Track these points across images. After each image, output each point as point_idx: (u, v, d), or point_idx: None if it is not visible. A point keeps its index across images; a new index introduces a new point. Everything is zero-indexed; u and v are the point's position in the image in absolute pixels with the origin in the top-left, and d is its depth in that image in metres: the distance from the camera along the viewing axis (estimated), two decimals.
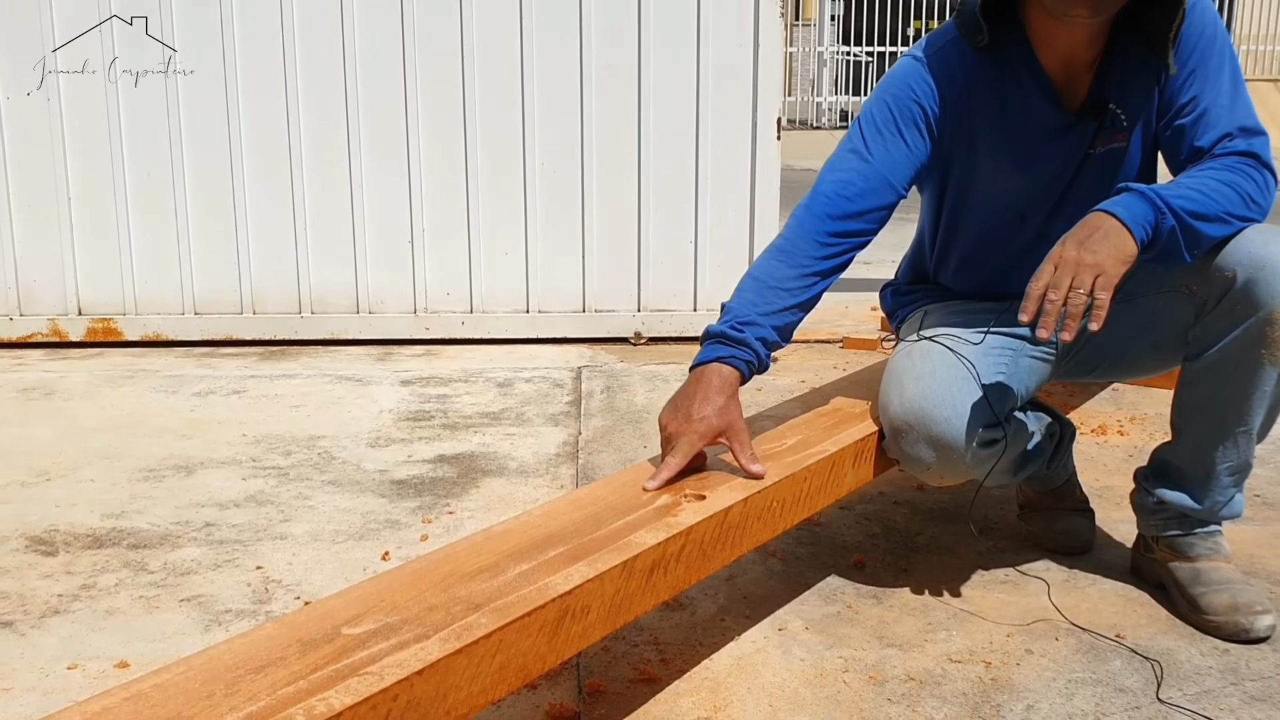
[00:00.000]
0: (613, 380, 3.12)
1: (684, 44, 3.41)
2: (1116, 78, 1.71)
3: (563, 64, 3.41)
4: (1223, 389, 1.63)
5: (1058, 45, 1.69)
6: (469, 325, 3.55)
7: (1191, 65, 1.67)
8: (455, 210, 3.48)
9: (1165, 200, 1.54)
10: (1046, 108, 1.72)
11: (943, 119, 1.73)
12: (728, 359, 1.57)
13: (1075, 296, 1.46)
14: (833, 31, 14.88)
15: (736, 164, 3.50)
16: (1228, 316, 1.59)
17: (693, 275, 3.59)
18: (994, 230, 1.84)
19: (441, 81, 3.41)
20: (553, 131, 3.45)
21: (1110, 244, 1.50)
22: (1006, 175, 1.78)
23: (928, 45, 1.77)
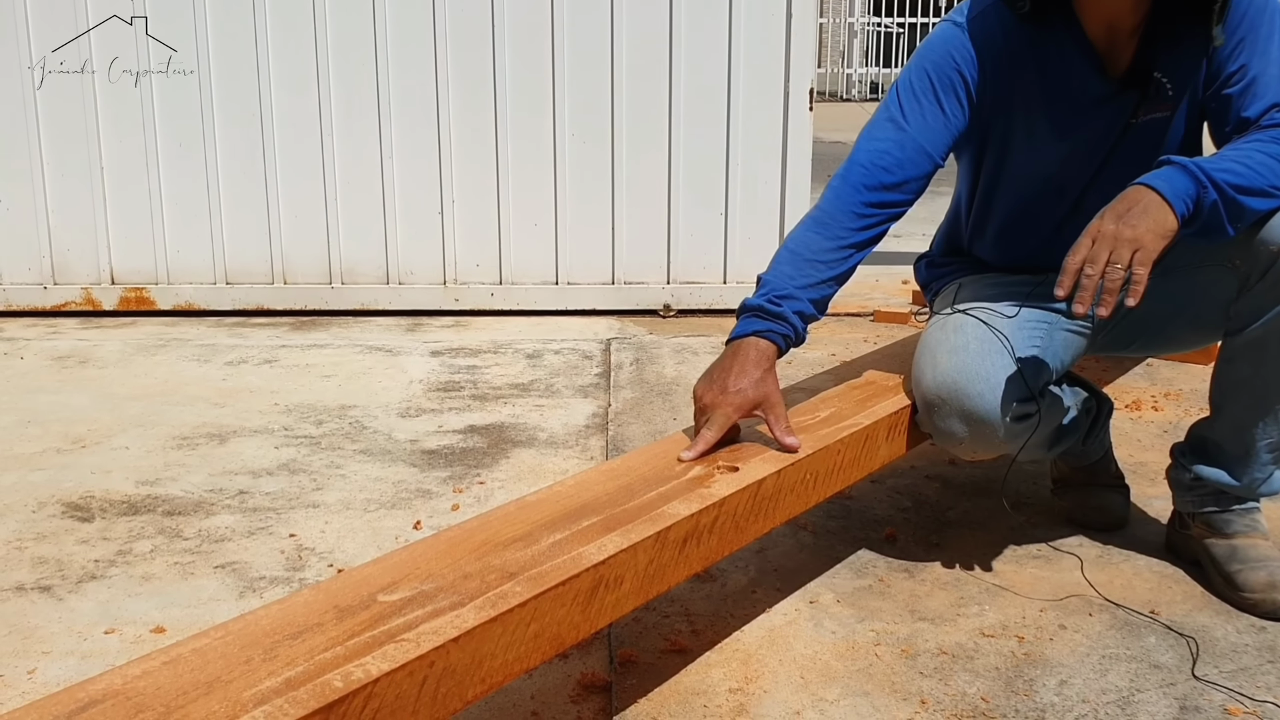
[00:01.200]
0: (642, 352, 3.12)
1: (716, 12, 3.39)
2: (1163, 45, 1.67)
3: (593, 34, 3.39)
4: (1265, 365, 1.60)
5: (1102, 12, 1.65)
6: (498, 297, 3.55)
7: (1241, 33, 1.64)
8: (485, 182, 3.48)
9: (1208, 173, 1.51)
10: (1089, 74, 1.69)
11: (982, 86, 1.70)
12: (764, 333, 1.56)
13: (1113, 271, 1.44)
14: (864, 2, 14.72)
15: (768, 135, 3.48)
16: (1272, 292, 1.56)
17: (723, 248, 3.58)
18: (1031, 201, 1.82)
19: (472, 51, 3.39)
20: (583, 102, 3.43)
21: (1150, 218, 1.47)
22: (1046, 144, 1.75)
23: (969, 9, 1.73)
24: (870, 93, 14.34)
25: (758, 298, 1.60)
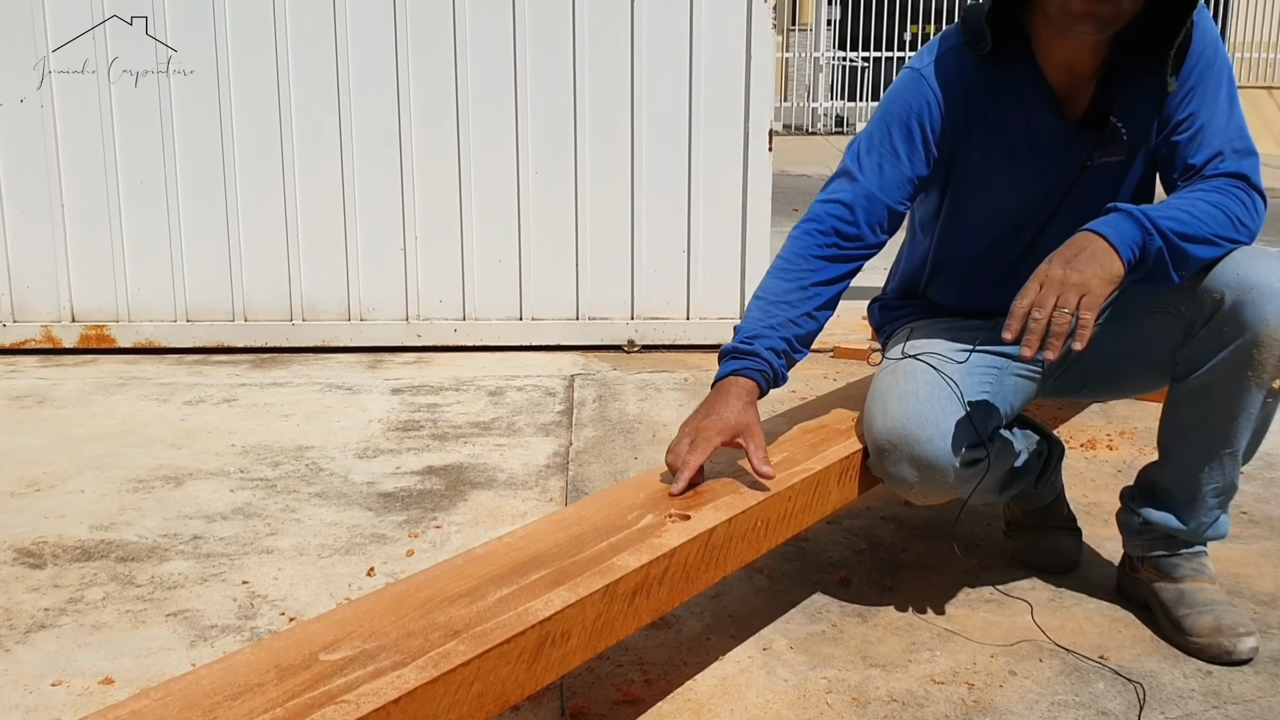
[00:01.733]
0: (605, 389, 3.12)
1: (676, 54, 3.42)
2: (1119, 92, 1.71)
3: (556, 74, 3.41)
4: (1210, 411, 1.63)
5: (1061, 56, 1.69)
6: (461, 333, 3.55)
7: (1191, 83, 1.68)
8: (449, 218, 3.48)
9: (1153, 221, 1.54)
10: (1048, 117, 1.72)
11: (943, 131, 1.73)
12: (741, 371, 1.63)
13: (1060, 315, 1.47)
14: (829, 37, 14.88)
15: (729, 174, 3.51)
16: (1216, 338, 1.59)
17: (686, 284, 3.59)
18: (988, 242, 1.84)
19: (435, 88, 3.41)
20: (546, 140, 3.45)
21: (1097, 264, 1.50)
22: (1004, 185, 1.78)
23: (929, 53, 1.77)
24: (835, 126, 14.47)
25: (732, 343, 1.67)
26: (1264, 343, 1.55)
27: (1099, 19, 1.58)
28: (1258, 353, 1.56)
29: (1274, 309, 1.54)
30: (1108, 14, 1.58)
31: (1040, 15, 1.68)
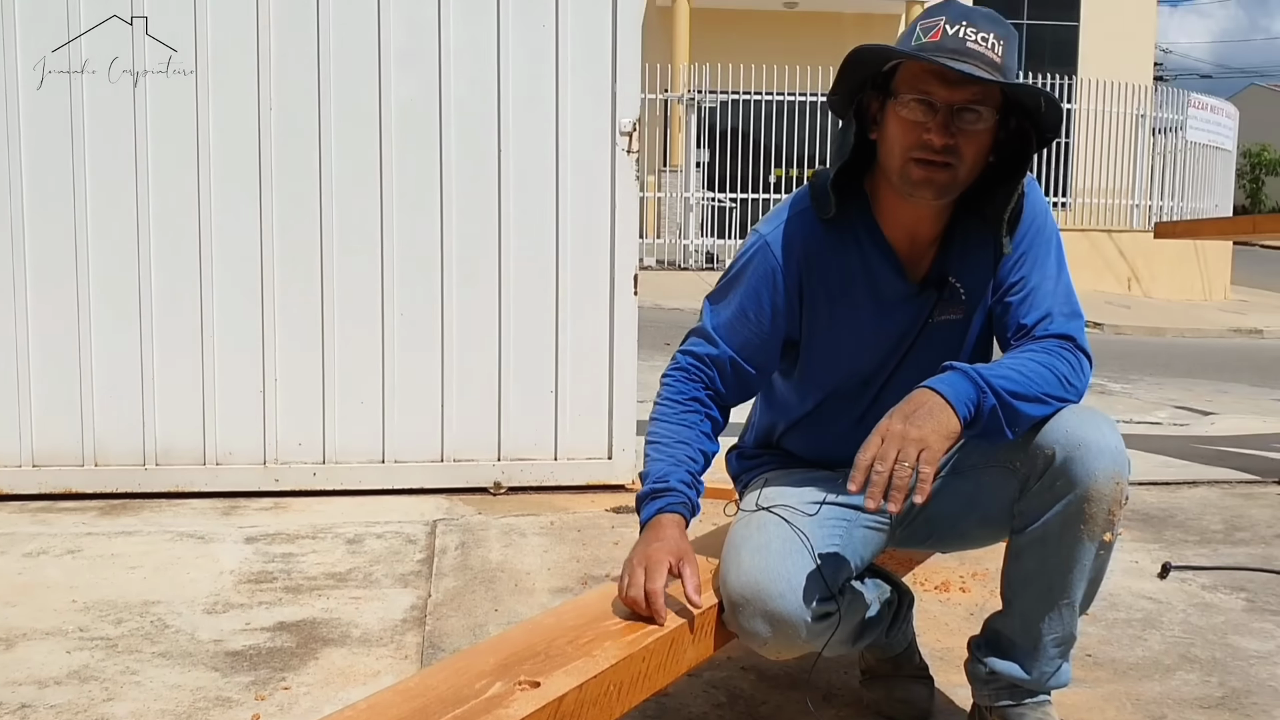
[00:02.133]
0: (468, 535, 3.08)
1: (543, 200, 3.48)
2: (957, 254, 1.82)
3: (423, 221, 3.44)
4: (1047, 562, 1.69)
5: (903, 220, 1.79)
6: (321, 477, 3.47)
7: (1024, 248, 1.80)
8: (310, 359, 3.44)
9: (987, 380, 1.62)
10: (890, 277, 1.81)
11: (790, 296, 1.82)
12: (666, 508, 1.73)
13: (900, 469, 1.52)
14: (698, 177, 15.37)
15: (595, 315, 3.56)
16: (1049, 493, 1.66)
17: (554, 424, 3.60)
18: (837, 394, 1.91)
19: (299, 228, 3.39)
20: (413, 284, 3.46)
21: (934, 420, 1.57)
22: (850, 342, 1.85)
23: (776, 218, 1.86)
24: (706, 262, 14.85)
25: (642, 490, 1.77)
26: (1093, 497, 1.62)
27: (937, 185, 1.69)
28: (1088, 507, 1.63)
29: (1102, 465, 1.62)
30: (945, 181, 1.69)
31: (883, 181, 1.78)
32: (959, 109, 1.67)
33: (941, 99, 1.66)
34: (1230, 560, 2.98)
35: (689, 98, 15.19)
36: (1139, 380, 8.18)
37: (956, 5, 1.71)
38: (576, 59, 3.45)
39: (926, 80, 1.67)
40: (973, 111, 1.67)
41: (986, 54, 1.65)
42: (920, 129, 1.67)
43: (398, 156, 3.41)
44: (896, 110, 1.70)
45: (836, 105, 1.81)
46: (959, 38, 1.65)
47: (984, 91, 1.67)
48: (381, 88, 3.39)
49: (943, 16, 1.69)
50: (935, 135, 1.66)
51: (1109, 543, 1.66)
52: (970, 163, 1.70)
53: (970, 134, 1.68)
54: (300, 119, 3.37)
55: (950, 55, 1.64)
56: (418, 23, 3.39)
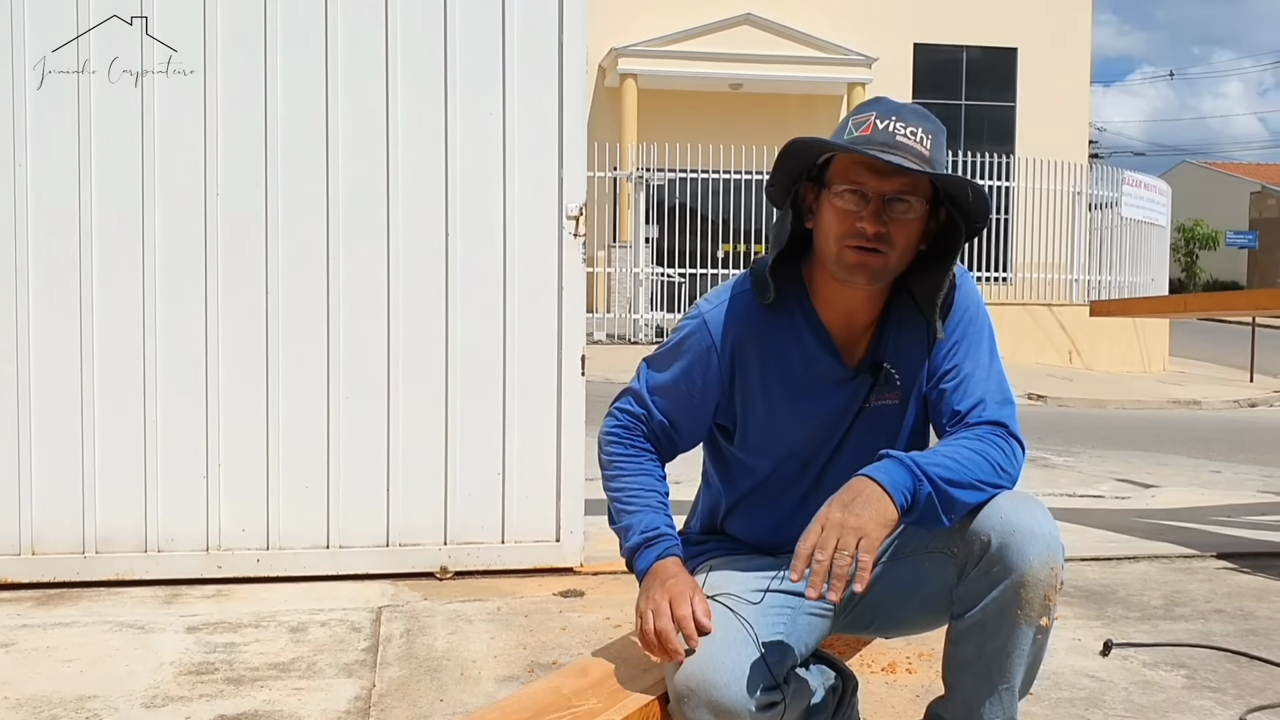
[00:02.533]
0: (414, 622, 3.05)
1: (491, 283, 3.50)
2: (892, 340, 1.88)
3: (369, 302, 3.44)
4: (986, 647, 1.72)
5: (839, 306, 1.85)
6: (265, 563, 3.43)
7: (957, 336, 1.86)
8: (254, 444, 3.41)
9: (922, 467, 1.66)
10: (826, 361, 1.86)
11: (727, 369, 1.89)
12: (663, 553, 1.81)
13: (840, 557, 1.56)
14: (648, 253, 15.54)
15: (543, 397, 3.56)
16: (985, 578, 1.69)
17: (501, 507, 3.58)
18: (777, 475, 1.95)
19: (244, 312, 3.38)
20: (358, 366, 3.45)
21: (872, 508, 1.61)
22: (788, 424, 1.90)
23: (717, 298, 1.92)
24: (656, 336, 14.96)
25: (632, 541, 1.85)
26: (1029, 583, 1.65)
27: (871, 270, 1.76)
28: (1024, 592, 1.66)
29: (1036, 550, 1.66)
30: (878, 266, 1.76)
31: (819, 268, 1.84)
32: (890, 199, 1.74)
33: (873, 189, 1.74)
34: (1171, 636, 3.02)
35: (638, 175, 15.40)
36: (1081, 453, 8.31)
37: (887, 101, 1.80)
38: (523, 145, 3.50)
39: (859, 171, 1.75)
40: (903, 201, 1.75)
41: (915, 147, 1.73)
42: (854, 217, 1.75)
43: (345, 241, 3.42)
44: (831, 200, 1.77)
45: (774, 195, 1.88)
46: (889, 131, 1.73)
47: (913, 182, 1.75)
48: (329, 172, 3.41)
49: (874, 112, 1.77)
50: (868, 223, 1.73)
51: (1046, 627, 1.70)
52: (902, 250, 1.77)
53: (901, 222, 1.75)
54: (247, 204, 3.38)
55: (881, 148, 1.71)
56: (366, 109, 3.43)
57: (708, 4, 20.52)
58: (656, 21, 19.98)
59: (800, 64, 20.08)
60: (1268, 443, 9.73)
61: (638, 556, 1.84)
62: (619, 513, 1.91)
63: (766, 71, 19.82)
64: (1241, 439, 10.03)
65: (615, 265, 15.62)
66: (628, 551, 1.86)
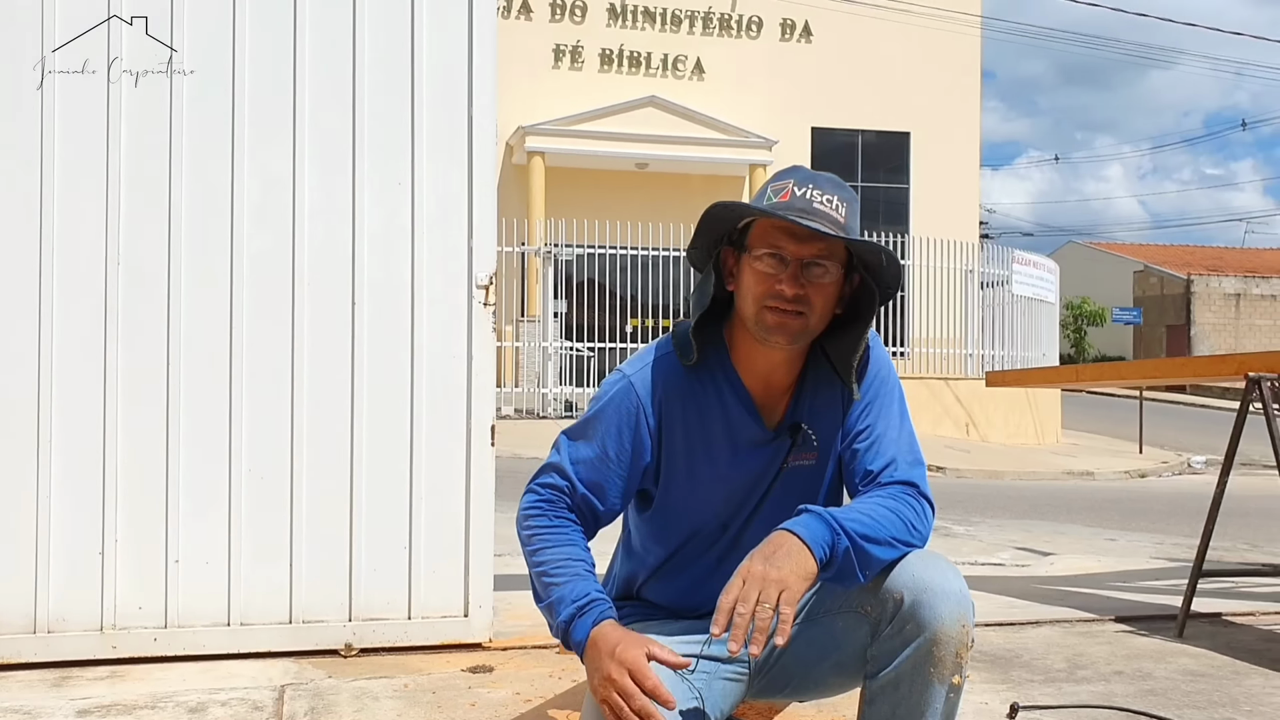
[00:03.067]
0: (318, 700, 2.96)
1: (398, 352, 3.47)
2: (809, 401, 1.93)
3: (273, 373, 3.39)
4: (899, 707, 1.73)
5: (759, 368, 1.89)
6: (162, 642, 3.30)
7: (869, 397, 1.91)
8: (153, 519, 3.30)
9: (840, 523, 1.70)
10: (747, 421, 1.89)
11: (649, 436, 1.90)
12: (597, 620, 1.76)
13: (762, 610, 1.58)
14: (556, 327, 15.58)
15: (451, 470, 3.52)
16: (899, 636, 1.72)
17: (407, 582, 3.51)
18: (696, 537, 1.96)
19: (143, 382, 3.30)
20: (261, 438, 3.38)
21: (793, 561, 1.64)
22: (708, 484, 1.92)
23: (640, 360, 1.94)
24: (565, 410, 14.93)
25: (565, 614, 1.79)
26: (941, 640, 1.68)
27: (790, 331, 1.81)
28: (937, 650, 1.69)
29: (947, 609, 1.69)
30: (797, 327, 1.81)
31: (740, 330, 1.89)
32: (807, 263, 1.80)
33: (791, 253, 1.79)
34: (1074, 698, 3.08)
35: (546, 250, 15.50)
36: (981, 522, 8.47)
37: (803, 170, 1.86)
38: (433, 216, 3.50)
39: (777, 236, 1.80)
40: (820, 265, 1.80)
41: (831, 214, 1.79)
42: (773, 280, 1.80)
43: (249, 312, 3.37)
44: (751, 263, 1.83)
45: (696, 259, 1.92)
46: (806, 198, 1.79)
47: (829, 247, 1.81)
48: (234, 243, 3.37)
49: (791, 179, 1.83)
50: (786, 286, 1.79)
51: (958, 685, 1.72)
52: (820, 312, 1.83)
53: (818, 286, 1.81)
54: (149, 273, 3.31)
55: (799, 214, 1.77)
56: (272, 178, 3.41)
57: (613, 86, 20.95)
58: (563, 102, 20.29)
59: (703, 145, 20.55)
60: (1159, 511, 10.04)
61: (573, 627, 1.78)
62: (546, 587, 1.84)
63: (671, 152, 20.22)
64: (1134, 508, 10.34)
65: (524, 340, 15.62)
66: (561, 625, 1.80)
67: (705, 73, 21.90)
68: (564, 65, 21.29)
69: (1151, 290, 39.42)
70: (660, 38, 21.78)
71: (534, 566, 1.88)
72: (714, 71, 21.91)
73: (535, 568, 1.87)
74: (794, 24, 22.37)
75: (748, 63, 22.00)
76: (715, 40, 22.03)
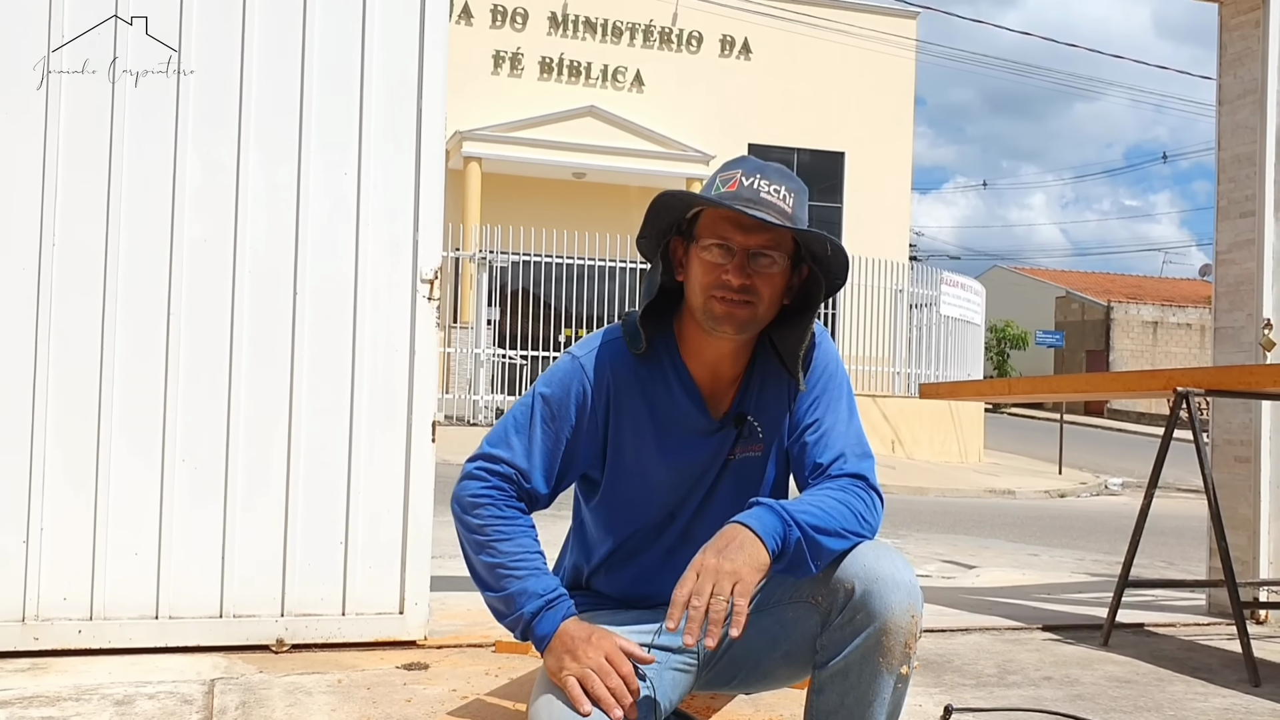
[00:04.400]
0: (250, 694, 2.90)
1: (340, 343, 3.43)
2: (756, 393, 1.93)
3: (210, 358, 3.32)
4: (848, 696, 1.75)
5: (706, 358, 1.90)
6: (87, 634, 3.22)
7: (817, 391, 1.92)
8: (81, 508, 3.22)
9: (791, 514, 1.70)
10: (693, 411, 1.90)
11: (595, 415, 1.89)
12: (564, 616, 1.78)
13: (717, 603, 1.58)
14: (489, 335, 15.49)
15: (390, 466, 3.49)
16: (849, 625, 1.73)
17: (343, 578, 3.46)
18: (644, 528, 1.96)
19: (72, 365, 3.22)
20: (197, 425, 3.31)
21: (745, 553, 1.64)
22: (655, 471, 1.92)
23: (590, 344, 1.94)
24: (496, 418, 14.85)
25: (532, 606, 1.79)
26: (891, 630, 1.70)
27: (738, 321, 1.81)
28: (886, 639, 1.70)
29: (898, 598, 1.70)
30: (745, 317, 1.82)
31: (689, 320, 1.89)
32: (754, 253, 1.81)
33: (738, 243, 1.80)
34: (1005, 702, 3.13)
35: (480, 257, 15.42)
36: (908, 536, 8.58)
37: (751, 160, 1.88)
38: (378, 206, 3.46)
39: (725, 226, 1.81)
40: (766, 256, 1.82)
41: (778, 204, 1.80)
42: (720, 270, 1.81)
43: (188, 297, 3.31)
44: (699, 253, 1.83)
45: (645, 248, 1.92)
46: (753, 188, 1.80)
47: (776, 237, 1.82)
48: (174, 227, 3.30)
49: (739, 170, 1.84)
50: (733, 276, 1.80)
51: (906, 675, 1.74)
52: (767, 301, 1.84)
53: (765, 276, 1.82)
54: (86, 258, 3.24)
55: (746, 203, 1.78)
56: (214, 164, 3.35)
57: (553, 95, 20.95)
58: (502, 108, 20.24)
59: (641, 157, 20.63)
60: (1079, 529, 10.26)
61: (540, 620, 1.78)
62: (503, 579, 1.82)
63: (609, 162, 20.26)
64: (1054, 526, 10.55)
65: (456, 346, 15.51)
66: (527, 616, 1.79)
67: (645, 85, 22.00)
68: (503, 72, 21.24)
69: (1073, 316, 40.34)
70: (601, 48, 21.83)
71: (487, 556, 1.83)
72: (653, 84, 22.02)
73: (489, 557, 1.83)
74: (734, 40, 22.57)
75: (687, 77, 22.15)
76: (655, 53, 22.14)
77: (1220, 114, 4.69)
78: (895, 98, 23.81)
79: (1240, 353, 4.47)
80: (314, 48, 3.42)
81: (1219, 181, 4.69)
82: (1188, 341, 39.11)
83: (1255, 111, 4.53)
